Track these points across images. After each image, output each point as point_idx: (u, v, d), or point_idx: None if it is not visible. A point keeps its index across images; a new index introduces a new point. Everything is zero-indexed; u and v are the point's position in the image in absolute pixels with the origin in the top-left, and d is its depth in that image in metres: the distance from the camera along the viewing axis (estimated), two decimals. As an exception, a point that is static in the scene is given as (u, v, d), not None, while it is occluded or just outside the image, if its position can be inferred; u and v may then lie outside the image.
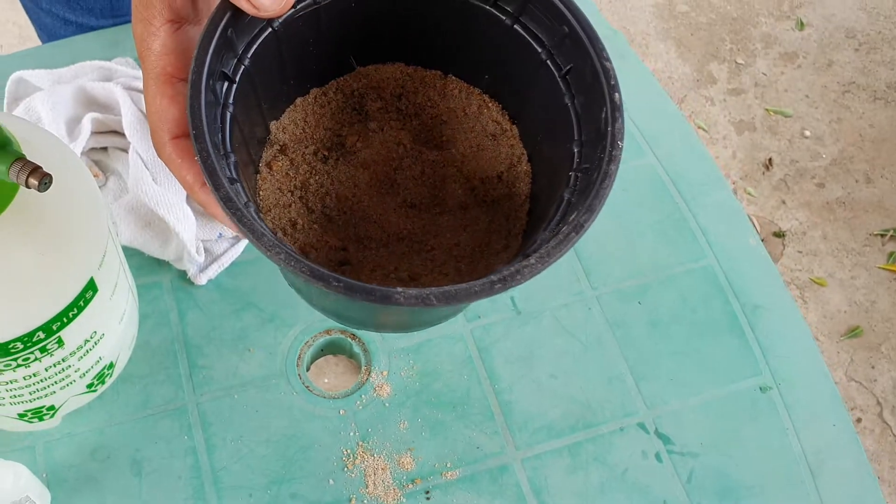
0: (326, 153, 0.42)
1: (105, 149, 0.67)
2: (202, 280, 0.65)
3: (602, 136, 0.36)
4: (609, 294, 0.68)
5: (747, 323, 0.67)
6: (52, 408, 0.55)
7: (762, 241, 1.69)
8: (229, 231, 0.66)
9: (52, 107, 0.65)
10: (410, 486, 0.59)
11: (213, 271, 0.65)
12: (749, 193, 1.74)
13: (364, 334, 0.65)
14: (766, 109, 1.85)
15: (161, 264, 0.66)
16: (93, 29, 0.78)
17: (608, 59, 0.37)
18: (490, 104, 0.43)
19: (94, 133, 0.66)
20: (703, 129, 1.81)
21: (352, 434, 0.61)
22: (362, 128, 0.43)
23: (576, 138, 0.38)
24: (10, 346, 0.47)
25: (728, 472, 0.62)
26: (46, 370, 0.51)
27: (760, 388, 0.65)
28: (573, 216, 0.35)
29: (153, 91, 0.38)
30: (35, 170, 0.38)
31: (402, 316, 0.42)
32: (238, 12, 0.37)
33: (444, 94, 0.43)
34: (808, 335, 0.68)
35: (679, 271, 0.70)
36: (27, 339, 0.47)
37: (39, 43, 0.91)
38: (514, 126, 0.43)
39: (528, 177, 0.42)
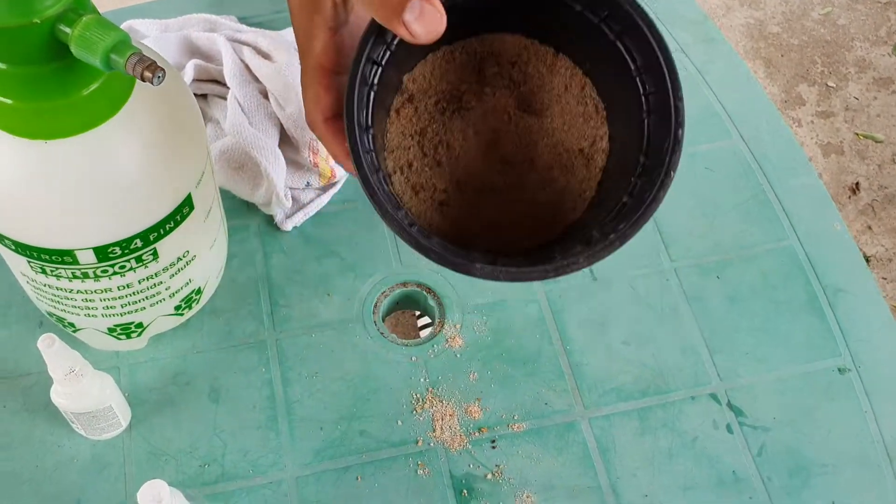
0: (445, 105, 0.48)
1: (205, 97, 0.70)
2: (288, 226, 0.67)
3: (661, 163, 0.43)
4: (688, 267, 0.68)
5: (828, 305, 0.66)
6: (140, 325, 0.58)
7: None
8: (316, 181, 0.68)
9: (157, 52, 0.68)
10: (477, 434, 0.60)
11: (299, 219, 0.67)
12: (833, 217, 1.70)
13: (439, 288, 0.66)
14: (856, 133, 1.81)
15: (250, 209, 0.68)
16: None
17: (681, 99, 0.43)
18: (588, 87, 0.48)
19: (196, 80, 0.69)
20: (789, 150, 1.78)
21: (422, 380, 0.62)
22: (479, 88, 0.48)
23: (643, 150, 0.44)
24: (109, 251, 0.49)
25: (800, 449, 0.60)
26: (139, 282, 0.53)
27: (839, 370, 0.64)
28: (622, 226, 0.42)
29: (312, 81, 0.45)
30: (151, 63, 0.40)
31: None
32: None
33: (553, 69, 0.48)
34: (890, 321, 0.66)
35: (761, 250, 0.69)
36: (125, 246, 0.49)
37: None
38: (605, 111, 0.48)
39: (605, 154, 0.48)
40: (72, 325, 0.58)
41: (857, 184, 1.74)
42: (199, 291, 0.59)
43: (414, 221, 0.44)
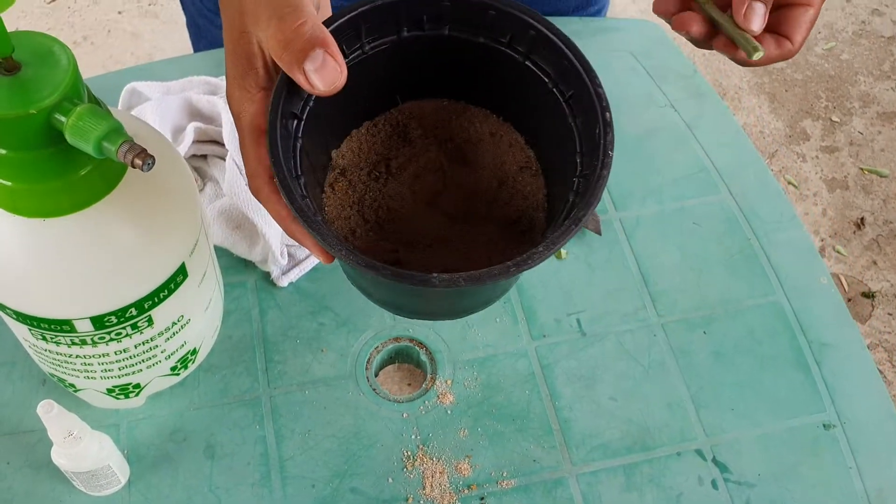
0: (378, 173, 0.51)
1: (205, 157, 0.73)
2: (284, 282, 0.69)
3: (597, 147, 0.44)
4: (675, 322, 0.69)
5: (814, 360, 0.67)
6: (137, 386, 0.59)
7: (849, 300, 1.65)
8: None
9: (160, 115, 0.71)
10: (466, 491, 0.61)
11: (295, 275, 0.69)
12: (838, 252, 1.70)
13: (431, 343, 0.67)
14: (861, 168, 1.82)
15: (247, 266, 0.70)
16: None
17: (600, 86, 0.45)
18: (515, 135, 0.51)
19: (196, 141, 0.71)
20: (794, 186, 1.79)
21: (413, 437, 0.63)
22: (407, 152, 0.51)
23: (578, 151, 0.46)
24: (105, 320, 0.51)
25: (785, 506, 0.61)
26: (136, 347, 0.55)
27: (824, 425, 0.65)
28: (573, 212, 0.43)
29: (250, 143, 0.46)
30: (141, 152, 0.42)
31: (444, 301, 0.50)
32: None
33: (472, 120, 0.51)
34: (875, 376, 0.67)
35: (747, 305, 0.70)
36: (121, 315, 0.51)
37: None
38: (530, 141, 0.50)
39: (542, 179, 0.50)
40: (72, 385, 0.60)
41: (863, 219, 1.75)
42: (194, 352, 0.61)
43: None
